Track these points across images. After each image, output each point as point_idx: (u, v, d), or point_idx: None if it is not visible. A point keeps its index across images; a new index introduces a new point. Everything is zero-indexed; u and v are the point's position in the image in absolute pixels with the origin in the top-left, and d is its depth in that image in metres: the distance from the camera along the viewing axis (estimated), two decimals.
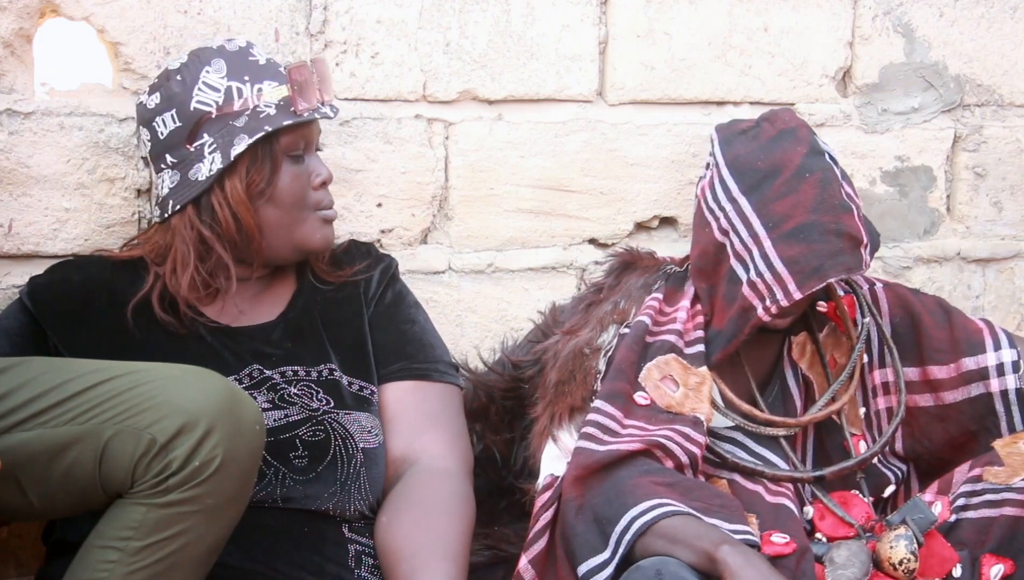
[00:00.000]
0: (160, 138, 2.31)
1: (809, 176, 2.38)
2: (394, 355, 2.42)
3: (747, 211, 2.40)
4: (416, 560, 2.18)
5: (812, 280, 2.34)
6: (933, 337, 2.56)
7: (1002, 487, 2.35)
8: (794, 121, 2.46)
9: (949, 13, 3.05)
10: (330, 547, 2.24)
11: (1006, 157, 3.13)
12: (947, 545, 2.34)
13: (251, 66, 2.31)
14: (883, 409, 2.57)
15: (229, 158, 2.27)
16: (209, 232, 2.30)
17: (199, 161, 2.29)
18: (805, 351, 2.52)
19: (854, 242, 2.37)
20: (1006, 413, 2.52)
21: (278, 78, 2.32)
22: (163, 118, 2.30)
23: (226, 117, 2.28)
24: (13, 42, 2.42)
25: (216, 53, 2.31)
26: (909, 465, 2.60)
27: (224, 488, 1.93)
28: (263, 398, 2.30)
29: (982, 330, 2.57)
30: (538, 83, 2.79)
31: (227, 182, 2.29)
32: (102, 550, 1.94)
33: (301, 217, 2.36)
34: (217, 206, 2.29)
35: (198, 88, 2.28)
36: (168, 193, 2.32)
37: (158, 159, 2.33)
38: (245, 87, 2.29)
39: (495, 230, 2.80)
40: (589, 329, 2.44)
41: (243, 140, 2.27)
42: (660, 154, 2.87)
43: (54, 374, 1.98)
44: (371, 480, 2.30)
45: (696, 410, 2.35)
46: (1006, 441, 2.45)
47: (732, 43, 2.90)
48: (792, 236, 2.35)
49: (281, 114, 2.30)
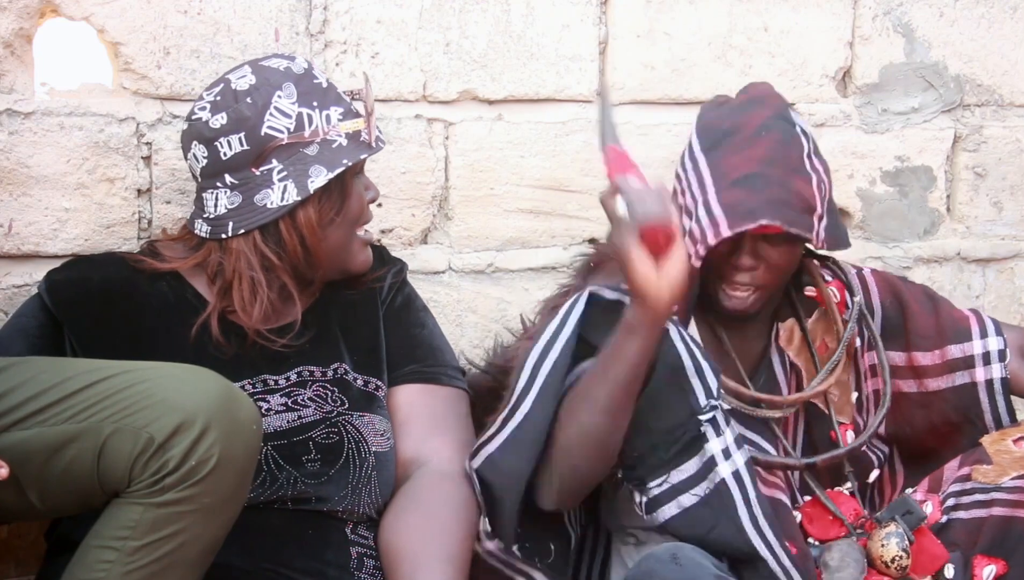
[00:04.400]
0: (222, 158, 2.26)
1: (766, 133, 2.34)
2: (404, 358, 2.43)
3: (702, 166, 2.36)
4: (418, 560, 2.18)
5: (745, 220, 2.26)
6: (919, 323, 2.54)
7: (991, 487, 2.35)
8: (767, 91, 2.44)
9: (949, 13, 3.05)
10: (333, 549, 2.25)
11: (1006, 157, 3.14)
12: (937, 542, 2.34)
13: (317, 90, 2.29)
14: (871, 392, 2.55)
15: (308, 191, 2.25)
16: (274, 257, 2.28)
17: (267, 187, 2.26)
18: (793, 338, 2.50)
19: (803, 203, 2.31)
20: (990, 403, 2.52)
21: (341, 104, 2.31)
22: (229, 140, 2.25)
23: (296, 145, 2.26)
24: (13, 42, 2.42)
25: (284, 76, 2.28)
26: (892, 447, 2.59)
27: (221, 487, 1.93)
28: (277, 401, 2.30)
29: (968, 318, 2.56)
30: (538, 83, 2.79)
31: (299, 211, 2.27)
32: (99, 550, 1.94)
33: (352, 236, 2.36)
34: (285, 232, 2.27)
35: (270, 113, 2.25)
36: (227, 213, 2.28)
37: (214, 177, 2.28)
38: (315, 113, 2.27)
39: (495, 230, 2.80)
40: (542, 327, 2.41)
41: (321, 172, 2.26)
42: (660, 154, 2.86)
43: (52, 373, 1.98)
44: (381, 483, 2.31)
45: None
46: (994, 438, 2.44)
47: (732, 43, 2.90)
48: (736, 184, 2.30)
49: (354, 145, 2.29)
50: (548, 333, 2.22)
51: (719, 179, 2.32)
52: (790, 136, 2.35)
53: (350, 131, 2.29)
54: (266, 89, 2.26)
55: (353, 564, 2.25)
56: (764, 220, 2.26)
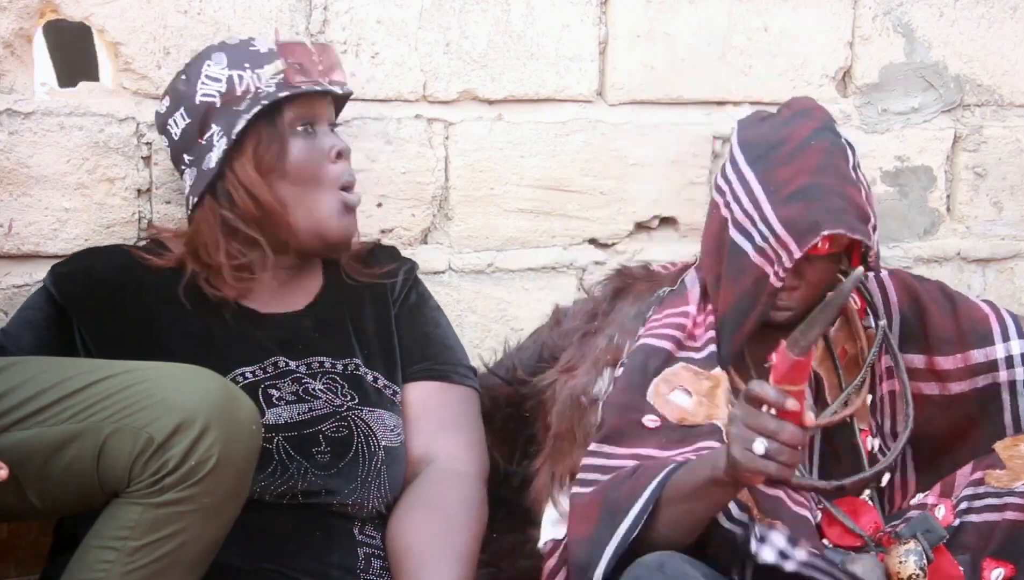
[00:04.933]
0: (176, 139, 2.35)
1: (815, 143, 2.30)
2: (417, 356, 2.44)
3: (750, 180, 2.33)
4: (424, 557, 2.19)
5: (808, 235, 2.24)
6: (939, 326, 2.52)
7: (1004, 491, 2.34)
8: (811, 105, 2.41)
9: (949, 13, 3.05)
10: (339, 550, 2.25)
11: (1006, 157, 3.13)
12: (954, 563, 2.32)
13: (252, 55, 2.32)
14: (887, 393, 2.54)
15: (231, 138, 2.28)
16: (231, 214, 2.32)
17: (209, 151, 2.31)
18: (816, 347, 2.49)
19: (859, 211, 2.29)
20: (1011, 403, 2.50)
21: (282, 63, 2.32)
22: (174, 119, 2.34)
23: (230, 104, 2.30)
24: (13, 42, 2.42)
25: (216, 48, 2.34)
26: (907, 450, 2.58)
27: (220, 487, 1.93)
28: (287, 390, 2.31)
29: (988, 317, 2.52)
30: (538, 83, 2.79)
31: (236, 164, 2.30)
32: (99, 550, 1.94)
33: (320, 195, 2.34)
34: (232, 190, 2.31)
35: (201, 82, 2.31)
36: (189, 190, 2.35)
37: (178, 161, 2.37)
38: (246, 73, 2.31)
39: (495, 230, 2.80)
40: (584, 369, 2.38)
41: (243, 119, 2.29)
42: (660, 154, 2.87)
43: (52, 373, 1.98)
44: (391, 479, 2.31)
45: (712, 417, 2.28)
46: (1007, 443, 2.44)
47: (732, 43, 2.90)
48: (792, 198, 2.27)
49: (278, 90, 2.31)
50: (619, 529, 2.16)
51: (772, 193, 2.30)
52: (837, 146, 2.33)
53: (277, 78, 2.30)
54: (197, 62, 2.34)
55: (360, 565, 2.26)
56: (827, 230, 2.24)
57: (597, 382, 2.36)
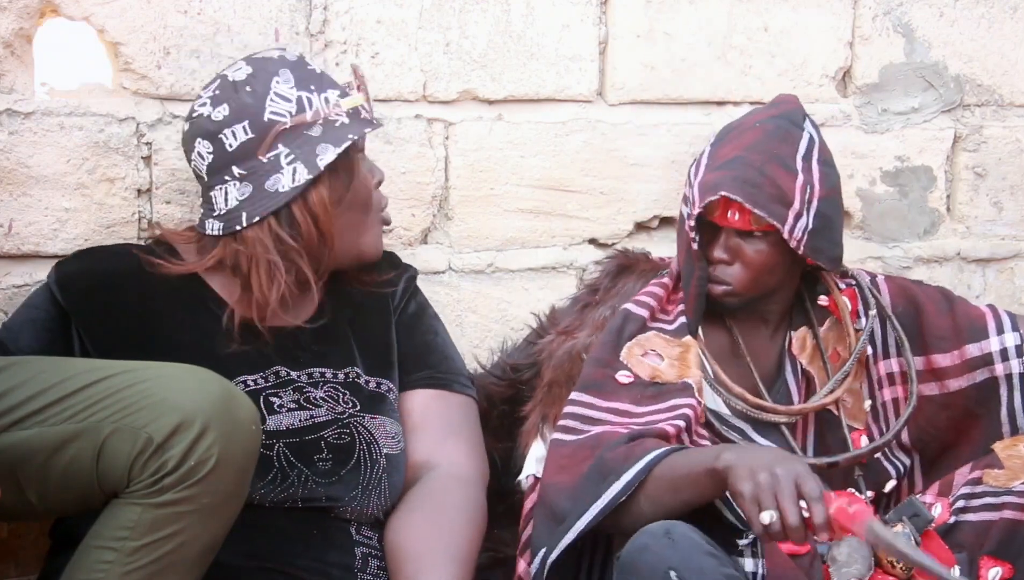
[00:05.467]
0: (228, 150, 2.27)
1: (758, 125, 2.41)
2: (418, 364, 2.45)
3: (703, 158, 2.46)
4: (423, 559, 2.19)
5: (709, 194, 2.35)
6: (935, 325, 2.55)
7: (1002, 490, 2.35)
8: (788, 99, 2.53)
9: (949, 13, 3.04)
10: (337, 549, 2.25)
11: (1006, 157, 3.13)
12: (944, 547, 2.34)
13: (312, 75, 2.31)
14: (889, 400, 2.56)
15: (318, 168, 2.26)
16: (290, 240, 2.28)
17: (276, 172, 2.26)
18: (805, 345, 2.52)
19: (776, 190, 2.36)
20: (1007, 397, 2.52)
21: (337, 87, 2.33)
22: (233, 130, 2.26)
23: (300, 127, 2.27)
24: (13, 42, 2.42)
25: (279, 63, 2.30)
26: (914, 458, 2.59)
27: (220, 488, 1.93)
28: (288, 398, 2.31)
29: (984, 315, 2.56)
30: (538, 83, 2.79)
31: (311, 191, 2.27)
32: (98, 550, 1.94)
33: (368, 220, 2.38)
34: (299, 214, 2.27)
35: (270, 99, 2.26)
36: (239, 205, 2.27)
37: (221, 171, 2.28)
38: (314, 96, 2.28)
39: (495, 230, 2.80)
40: (586, 333, 2.44)
41: (328, 150, 2.27)
42: (660, 154, 2.87)
43: (52, 373, 1.98)
44: (391, 486, 2.31)
45: (683, 376, 2.35)
46: (1006, 443, 2.45)
47: (732, 43, 2.90)
48: (718, 168, 2.38)
49: (356, 122, 2.31)
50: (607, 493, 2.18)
51: (708, 164, 2.42)
52: (784, 131, 2.40)
53: (350, 108, 2.31)
54: (264, 76, 2.28)
55: (357, 564, 2.26)
56: (723, 192, 2.33)
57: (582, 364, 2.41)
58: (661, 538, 2.07)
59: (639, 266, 2.58)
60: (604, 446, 2.22)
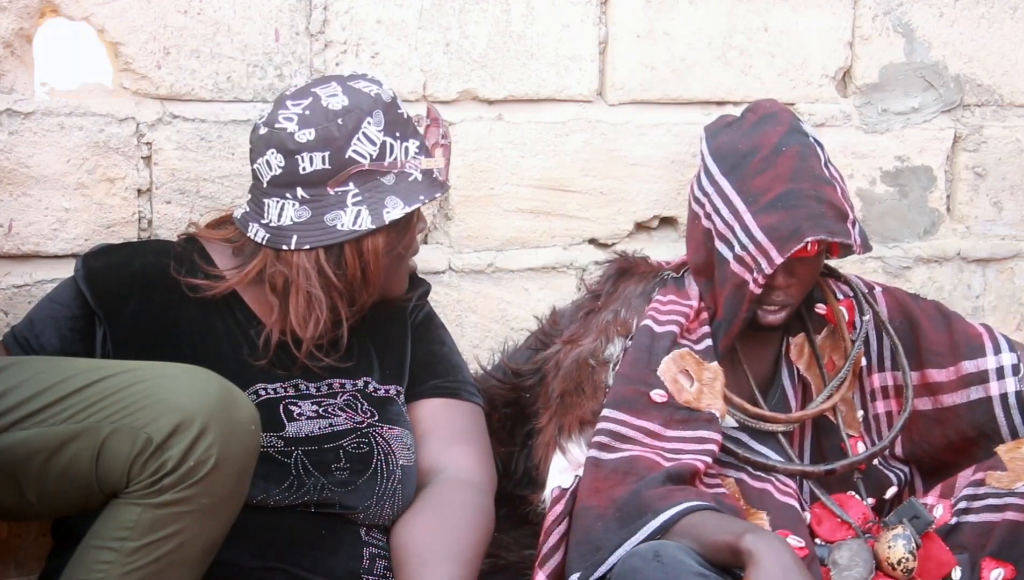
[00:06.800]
0: (300, 172, 2.25)
1: (786, 149, 2.39)
2: (426, 373, 2.45)
3: (727, 191, 2.40)
4: (426, 559, 2.19)
5: (791, 241, 2.31)
6: (932, 340, 2.56)
7: (1005, 492, 2.35)
8: (775, 107, 2.49)
9: (949, 13, 3.05)
10: (345, 550, 2.26)
11: (1006, 157, 3.13)
12: (945, 548, 2.34)
13: (400, 121, 2.31)
14: (882, 413, 2.57)
15: (383, 221, 2.26)
16: (333, 277, 2.28)
17: (339, 208, 2.26)
18: (803, 352, 2.53)
19: (837, 211, 2.36)
20: (1006, 418, 2.53)
21: (418, 137, 2.33)
22: (312, 156, 2.25)
23: (375, 172, 2.27)
24: (13, 42, 2.42)
25: (375, 103, 2.28)
26: (911, 467, 2.60)
27: (219, 488, 1.93)
28: (308, 407, 2.31)
29: (981, 334, 2.57)
30: (538, 83, 2.79)
31: (368, 238, 2.28)
32: (98, 550, 1.94)
33: (405, 265, 2.40)
34: (348, 255, 2.27)
35: (357, 138, 2.26)
36: (292, 226, 2.27)
37: (285, 187, 2.27)
38: (396, 144, 2.29)
39: (495, 230, 2.80)
40: (591, 339, 2.44)
41: (398, 205, 2.27)
42: (660, 154, 2.87)
43: (51, 373, 1.98)
44: (404, 497, 2.32)
45: (711, 406, 2.35)
46: (1009, 446, 2.45)
47: (732, 43, 2.90)
48: (771, 206, 2.35)
49: (428, 182, 2.31)
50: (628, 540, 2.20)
51: (751, 202, 2.36)
52: (808, 150, 2.40)
53: (426, 168, 2.31)
54: (358, 113, 2.26)
55: (364, 566, 2.27)
56: (810, 236, 2.31)
57: (608, 347, 2.43)
58: (651, 561, 2.08)
59: (639, 269, 2.58)
60: (639, 475, 2.24)
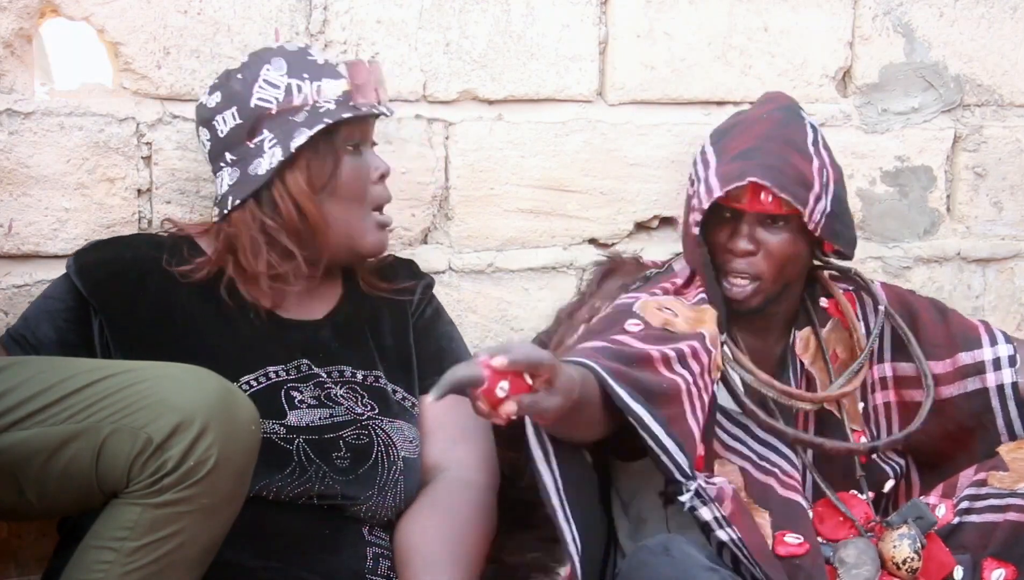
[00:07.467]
0: (220, 136, 2.33)
1: (766, 116, 2.42)
2: (433, 369, 2.44)
3: (708, 154, 2.44)
4: (429, 559, 2.20)
5: (734, 181, 2.33)
6: (930, 332, 2.57)
7: (1007, 492, 2.36)
8: (781, 94, 2.55)
9: (949, 13, 3.05)
10: (348, 549, 2.26)
11: (1006, 157, 3.14)
12: (945, 549, 2.34)
13: (310, 65, 2.33)
14: (881, 404, 2.57)
15: (289, 151, 2.28)
16: (272, 222, 2.31)
17: (258, 156, 2.30)
18: (809, 346, 2.53)
19: (798, 174, 2.36)
20: (1002, 409, 2.53)
21: (336, 76, 2.33)
22: (223, 116, 2.31)
23: (286, 113, 2.29)
24: (13, 42, 2.42)
25: (276, 53, 2.34)
26: (908, 458, 2.60)
27: (219, 488, 1.93)
28: (310, 393, 2.31)
29: (978, 327, 2.59)
30: (538, 83, 2.79)
31: (288, 175, 2.30)
32: (98, 550, 1.94)
33: (360, 213, 2.37)
34: (279, 199, 2.30)
35: (259, 85, 2.30)
36: (228, 190, 2.32)
37: (218, 157, 2.34)
38: (304, 84, 2.31)
39: (495, 230, 2.80)
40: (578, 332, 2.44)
41: (303, 133, 2.28)
42: (660, 154, 2.87)
43: (51, 372, 1.98)
44: (407, 489, 2.32)
45: (698, 329, 2.32)
46: (1011, 447, 2.46)
47: (732, 43, 2.90)
48: (735, 158, 2.37)
49: (340, 108, 2.32)
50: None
51: (721, 157, 2.40)
52: (793, 120, 2.42)
53: (337, 94, 2.31)
54: (256, 64, 2.32)
55: (368, 565, 2.27)
56: (752, 178, 2.32)
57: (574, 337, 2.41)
58: (660, 555, 2.07)
59: (625, 268, 2.59)
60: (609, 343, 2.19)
